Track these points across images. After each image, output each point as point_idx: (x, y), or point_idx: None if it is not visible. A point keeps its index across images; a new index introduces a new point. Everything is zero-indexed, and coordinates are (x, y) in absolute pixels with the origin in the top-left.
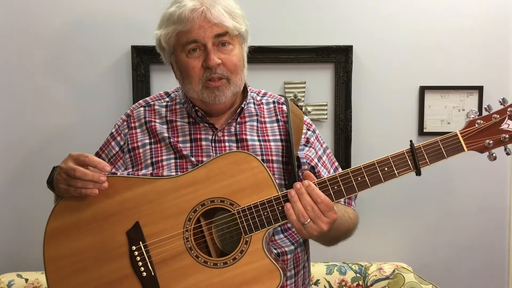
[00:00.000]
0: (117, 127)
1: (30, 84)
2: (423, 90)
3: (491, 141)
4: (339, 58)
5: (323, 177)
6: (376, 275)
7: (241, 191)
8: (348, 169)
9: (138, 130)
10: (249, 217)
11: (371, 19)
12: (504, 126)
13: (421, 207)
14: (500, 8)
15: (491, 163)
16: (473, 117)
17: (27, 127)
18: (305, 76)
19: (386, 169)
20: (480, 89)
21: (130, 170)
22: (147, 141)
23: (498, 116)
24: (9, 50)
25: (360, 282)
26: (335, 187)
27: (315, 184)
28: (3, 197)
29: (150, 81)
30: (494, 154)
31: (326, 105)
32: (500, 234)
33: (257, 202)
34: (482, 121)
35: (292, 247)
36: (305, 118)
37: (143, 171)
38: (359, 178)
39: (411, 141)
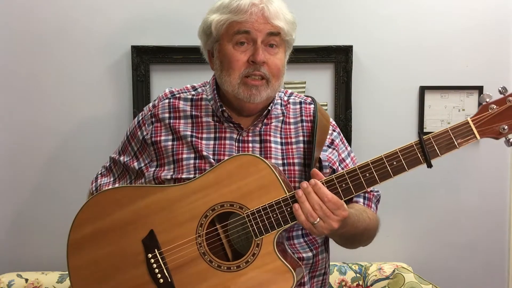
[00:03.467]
0: (143, 114)
1: (30, 84)
2: (423, 90)
3: (506, 126)
4: (339, 58)
5: (331, 175)
6: (376, 275)
7: (249, 194)
8: (356, 166)
9: (161, 124)
10: (258, 220)
11: (371, 19)
12: None
13: (421, 207)
14: (500, 8)
15: (491, 163)
16: (486, 102)
17: (27, 127)
18: (305, 76)
19: (394, 163)
20: (480, 89)
21: (155, 163)
22: (170, 137)
23: None
24: (9, 50)
25: (360, 282)
26: (343, 185)
27: (322, 183)
28: (3, 197)
29: (150, 81)
30: (511, 140)
31: (326, 105)
32: (500, 234)
33: (265, 204)
34: (495, 106)
35: (310, 254)
36: (331, 119)
37: (166, 169)
38: (367, 174)
39: (419, 132)
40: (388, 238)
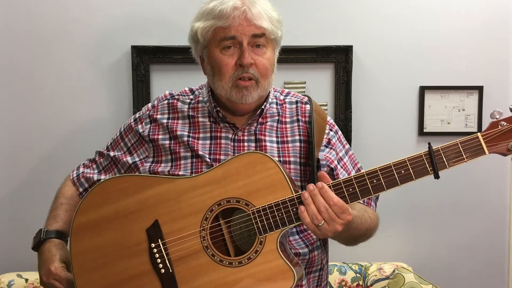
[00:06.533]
0: (141, 113)
1: (30, 84)
2: (423, 90)
3: None
4: (339, 58)
5: (339, 179)
6: (376, 275)
7: (256, 192)
8: (364, 171)
9: (159, 123)
10: (263, 218)
11: (371, 19)
12: None
13: (421, 207)
14: (500, 8)
15: (490, 163)
16: (497, 118)
17: (26, 127)
18: (305, 76)
19: (402, 171)
20: (480, 89)
21: (151, 159)
22: (167, 136)
23: None
24: (9, 50)
25: (360, 282)
26: (350, 189)
27: (330, 186)
28: (3, 197)
29: (150, 81)
30: None
31: (326, 105)
32: (500, 234)
33: (271, 203)
34: (505, 123)
35: (306, 250)
36: (328, 118)
37: (163, 165)
38: (374, 181)
39: (429, 143)
40: (388, 238)
